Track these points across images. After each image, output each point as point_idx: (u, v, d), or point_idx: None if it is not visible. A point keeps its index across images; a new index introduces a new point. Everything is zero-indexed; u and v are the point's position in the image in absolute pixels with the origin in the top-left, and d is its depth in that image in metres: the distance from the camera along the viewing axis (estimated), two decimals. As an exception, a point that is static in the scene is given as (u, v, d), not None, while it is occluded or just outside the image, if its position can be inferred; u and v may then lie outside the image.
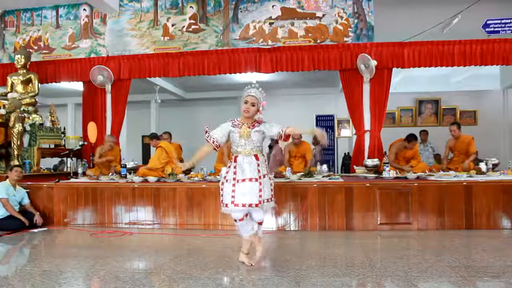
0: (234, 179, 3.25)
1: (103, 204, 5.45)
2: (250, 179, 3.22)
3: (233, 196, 3.22)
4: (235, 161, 3.30)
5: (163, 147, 6.13)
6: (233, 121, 3.40)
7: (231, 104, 12.93)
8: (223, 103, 12.98)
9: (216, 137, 3.34)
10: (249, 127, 3.31)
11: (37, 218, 5.31)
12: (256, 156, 3.30)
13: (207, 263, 3.54)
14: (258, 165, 3.27)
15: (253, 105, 3.29)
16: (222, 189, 3.32)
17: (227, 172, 3.35)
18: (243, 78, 9.71)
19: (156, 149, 6.27)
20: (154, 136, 6.62)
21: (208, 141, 3.36)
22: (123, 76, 7.50)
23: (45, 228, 5.32)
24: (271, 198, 3.34)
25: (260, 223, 3.46)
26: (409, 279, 3.01)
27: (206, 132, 3.39)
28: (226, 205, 3.26)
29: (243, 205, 3.20)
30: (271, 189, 3.36)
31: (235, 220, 3.33)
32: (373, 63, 6.66)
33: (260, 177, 3.25)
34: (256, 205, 3.22)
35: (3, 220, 5.17)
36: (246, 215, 3.31)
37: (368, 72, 6.77)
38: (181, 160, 7.34)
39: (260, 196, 3.23)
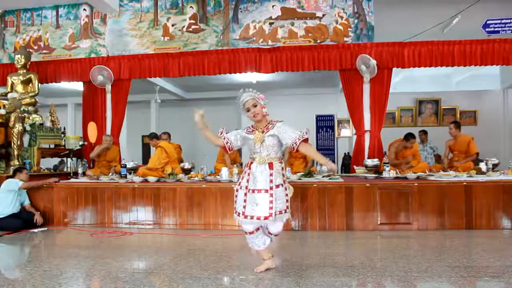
0: (246, 187, 3.12)
1: (103, 204, 5.45)
2: (260, 190, 3.06)
3: (244, 207, 3.09)
4: (250, 168, 3.16)
5: (163, 147, 6.13)
6: (248, 128, 3.25)
7: (231, 104, 12.86)
8: (223, 103, 12.96)
9: (230, 138, 3.24)
10: (262, 132, 3.14)
11: (37, 218, 5.31)
12: (270, 164, 3.10)
13: (207, 263, 3.54)
14: (271, 174, 3.08)
15: (255, 106, 3.13)
16: (236, 196, 3.20)
17: (241, 178, 3.21)
18: (243, 78, 9.72)
19: (155, 149, 6.27)
20: (154, 136, 6.62)
21: (219, 138, 3.27)
22: (123, 76, 7.50)
23: (45, 228, 5.33)
24: (285, 210, 3.11)
25: (276, 235, 3.31)
26: (409, 279, 3.01)
27: (221, 133, 3.28)
28: (238, 214, 3.14)
29: (251, 218, 3.05)
30: (286, 200, 3.13)
31: (245, 232, 3.20)
32: (373, 62, 6.66)
33: (271, 188, 3.06)
34: (266, 218, 3.02)
35: (3, 220, 5.18)
36: (258, 229, 3.17)
37: (369, 72, 6.77)
38: (181, 161, 7.34)
39: (271, 208, 3.03)
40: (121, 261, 3.70)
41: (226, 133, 3.32)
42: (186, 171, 6.55)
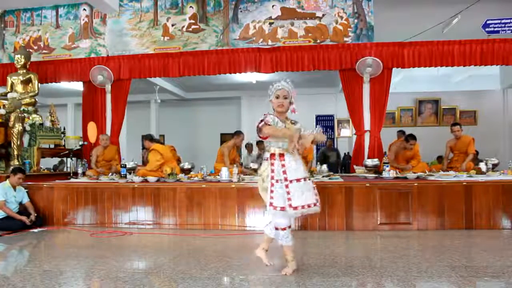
0: (286, 179, 2.98)
1: (103, 204, 5.44)
2: (305, 179, 3.04)
3: (289, 199, 2.96)
4: (282, 159, 3.02)
5: (156, 149, 6.09)
6: (274, 116, 3.10)
7: (231, 104, 12.98)
8: (223, 103, 13.00)
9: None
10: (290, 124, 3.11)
11: (32, 217, 5.27)
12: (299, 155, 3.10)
13: (207, 263, 3.54)
14: (303, 164, 3.11)
15: (286, 98, 3.08)
16: (272, 191, 3.01)
17: (272, 171, 3.03)
18: (243, 78, 9.73)
19: (149, 152, 6.22)
20: (146, 137, 6.45)
21: (272, 125, 3.01)
22: (123, 76, 7.50)
23: (45, 228, 5.32)
24: None
25: (289, 227, 3.23)
26: (409, 279, 3.01)
27: (262, 121, 3.00)
28: (282, 208, 2.98)
29: (303, 207, 2.97)
30: None
31: (277, 229, 3.10)
32: (370, 60, 6.68)
33: (308, 177, 3.10)
34: (315, 205, 3.04)
35: (3, 220, 5.17)
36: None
37: (373, 70, 6.77)
38: (179, 161, 7.33)
39: (316, 194, 3.06)
40: (121, 261, 3.70)
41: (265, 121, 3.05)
42: (186, 171, 6.54)
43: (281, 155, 3.05)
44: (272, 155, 3.07)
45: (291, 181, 2.99)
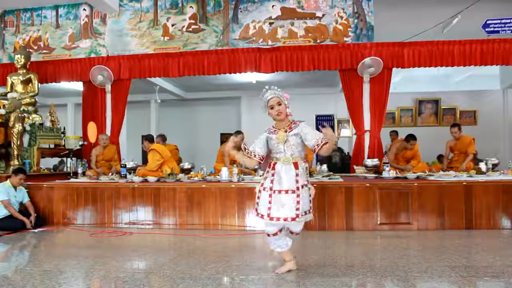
0: (271, 188, 3.04)
1: (103, 204, 5.44)
2: (287, 191, 3.00)
3: (269, 208, 3.02)
4: (273, 168, 3.09)
5: (155, 149, 6.08)
6: (269, 128, 3.19)
7: (231, 104, 12.98)
8: (223, 103, 12.99)
9: (258, 150, 3.16)
10: (285, 131, 3.08)
11: (32, 219, 5.27)
12: (295, 164, 3.05)
13: (207, 263, 3.54)
14: (297, 174, 3.03)
15: (280, 104, 3.09)
16: (258, 197, 3.11)
17: (264, 179, 3.13)
18: (243, 78, 9.72)
19: (148, 152, 6.21)
20: (146, 138, 6.41)
21: (251, 158, 3.18)
22: (123, 76, 7.50)
23: (45, 228, 5.32)
24: (309, 210, 3.10)
25: (297, 234, 3.25)
26: (409, 279, 3.01)
27: (245, 149, 3.20)
28: (262, 216, 3.06)
29: (278, 219, 2.99)
30: (310, 200, 3.10)
31: (268, 235, 3.14)
32: (368, 60, 6.67)
33: (298, 188, 3.01)
34: (293, 219, 2.98)
35: (3, 220, 5.17)
36: (281, 230, 3.13)
37: (374, 69, 6.77)
38: (179, 161, 7.32)
39: (298, 209, 2.99)
40: (121, 261, 3.70)
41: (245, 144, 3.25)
42: (186, 171, 6.54)
43: (274, 164, 3.11)
44: (270, 163, 3.16)
45: (274, 191, 3.03)
